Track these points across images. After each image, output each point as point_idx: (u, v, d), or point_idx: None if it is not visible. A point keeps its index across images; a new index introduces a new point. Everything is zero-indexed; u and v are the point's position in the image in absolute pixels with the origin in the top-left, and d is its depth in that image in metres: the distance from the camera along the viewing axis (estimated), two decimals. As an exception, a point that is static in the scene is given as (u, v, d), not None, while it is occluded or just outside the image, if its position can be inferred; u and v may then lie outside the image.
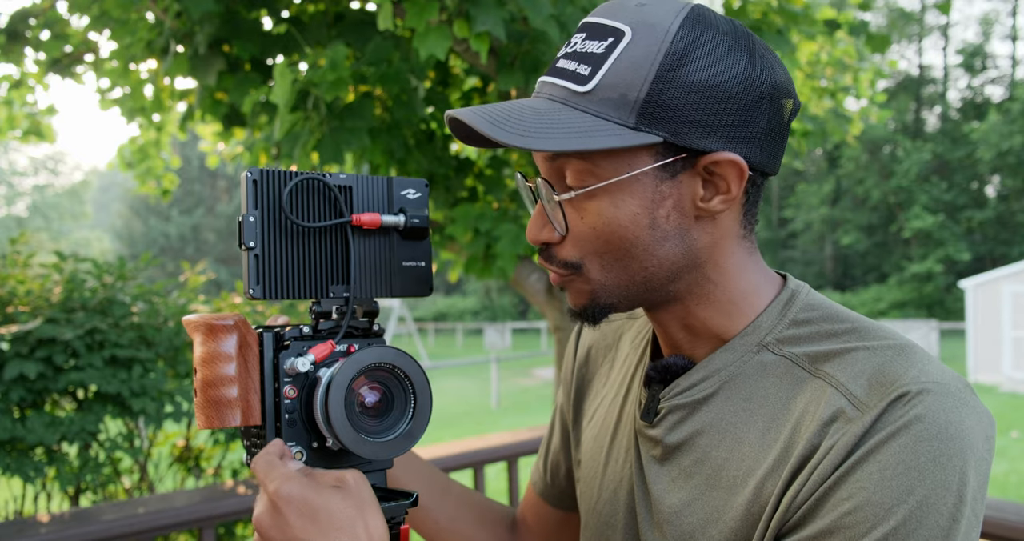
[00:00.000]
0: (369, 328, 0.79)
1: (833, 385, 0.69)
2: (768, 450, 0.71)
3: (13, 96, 4.13)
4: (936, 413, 0.64)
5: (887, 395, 0.65)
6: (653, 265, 0.73)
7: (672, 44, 0.68)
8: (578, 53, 0.71)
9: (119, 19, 2.94)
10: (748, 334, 0.76)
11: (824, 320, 0.75)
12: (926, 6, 36.64)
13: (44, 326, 2.56)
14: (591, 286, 0.75)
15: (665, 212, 0.71)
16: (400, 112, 2.69)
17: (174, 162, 4.59)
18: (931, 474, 0.62)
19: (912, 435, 0.63)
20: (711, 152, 0.69)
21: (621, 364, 0.94)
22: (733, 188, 0.71)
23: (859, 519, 0.62)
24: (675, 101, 0.68)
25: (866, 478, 0.63)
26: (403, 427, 0.74)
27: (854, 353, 0.70)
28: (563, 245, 0.75)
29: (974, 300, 15.67)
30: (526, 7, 2.14)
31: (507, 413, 12.02)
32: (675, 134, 0.68)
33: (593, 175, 0.70)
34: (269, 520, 0.65)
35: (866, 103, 5.88)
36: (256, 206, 0.73)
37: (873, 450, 0.64)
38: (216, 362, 0.71)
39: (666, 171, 0.70)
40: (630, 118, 0.68)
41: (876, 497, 0.62)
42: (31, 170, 47.18)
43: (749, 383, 0.74)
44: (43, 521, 1.79)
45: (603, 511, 0.86)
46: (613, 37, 0.69)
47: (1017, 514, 1.60)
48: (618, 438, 0.87)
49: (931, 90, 37.33)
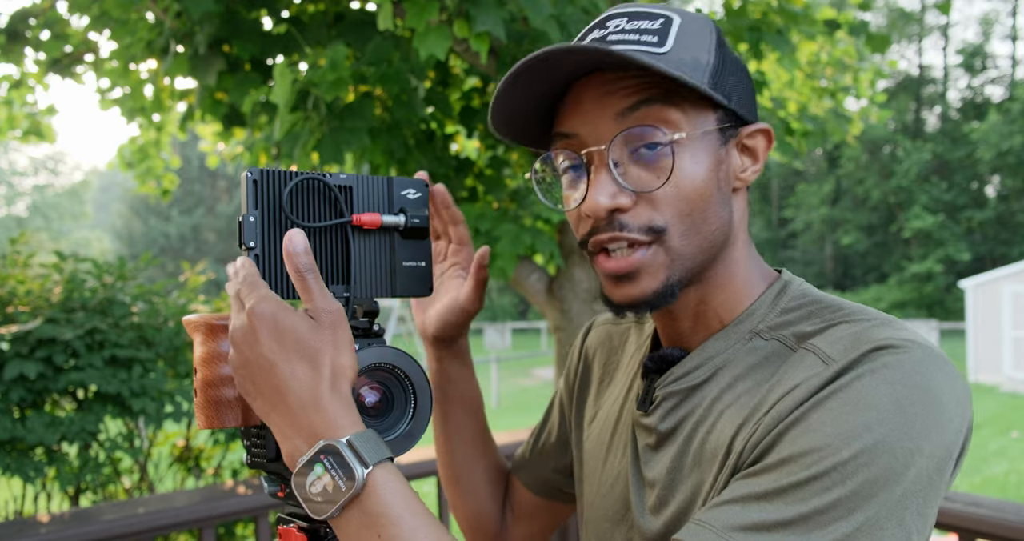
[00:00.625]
0: (369, 328, 0.79)
1: (813, 351, 0.69)
2: (740, 415, 0.71)
3: (13, 96, 4.13)
4: (905, 364, 0.64)
5: (860, 349, 0.66)
6: (718, 229, 0.74)
7: (714, 28, 0.76)
8: (630, 30, 0.73)
9: (119, 19, 2.94)
10: (741, 322, 0.77)
11: (811, 305, 0.76)
12: (926, 6, 36.65)
13: (44, 326, 2.56)
14: (670, 258, 0.73)
15: (723, 176, 0.75)
16: (400, 112, 2.69)
17: (174, 162, 4.59)
18: (891, 416, 0.61)
19: (878, 378, 0.63)
20: (751, 123, 0.77)
21: (626, 365, 0.95)
22: (761, 158, 0.77)
23: (811, 448, 0.62)
24: (728, 73, 0.74)
25: (825, 413, 0.63)
26: (403, 427, 0.74)
27: (837, 326, 0.71)
28: (638, 210, 0.72)
29: (974, 300, 15.67)
30: (526, 7, 2.14)
31: (507, 413, 12.01)
32: (732, 101, 0.74)
33: (682, 123, 0.71)
34: (242, 335, 0.67)
35: (866, 103, 5.88)
36: (256, 206, 0.73)
37: (836, 389, 0.64)
38: (216, 362, 0.71)
39: (723, 136, 0.75)
40: (704, 78, 0.72)
41: (832, 429, 0.62)
42: (31, 170, 47.19)
43: (738, 366, 0.75)
44: (43, 521, 1.79)
45: (601, 505, 0.87)
46: (663, 19, 0.74)
47: (1017, 514, 1.60)
48: (618, 434, 0.88)
49: (931, 90, 37.34)
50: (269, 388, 0.66)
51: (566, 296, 3.18)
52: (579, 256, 3.18)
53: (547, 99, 0.76)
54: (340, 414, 0.65)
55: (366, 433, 0.65)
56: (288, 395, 0.65)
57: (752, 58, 2.90)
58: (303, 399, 0.65)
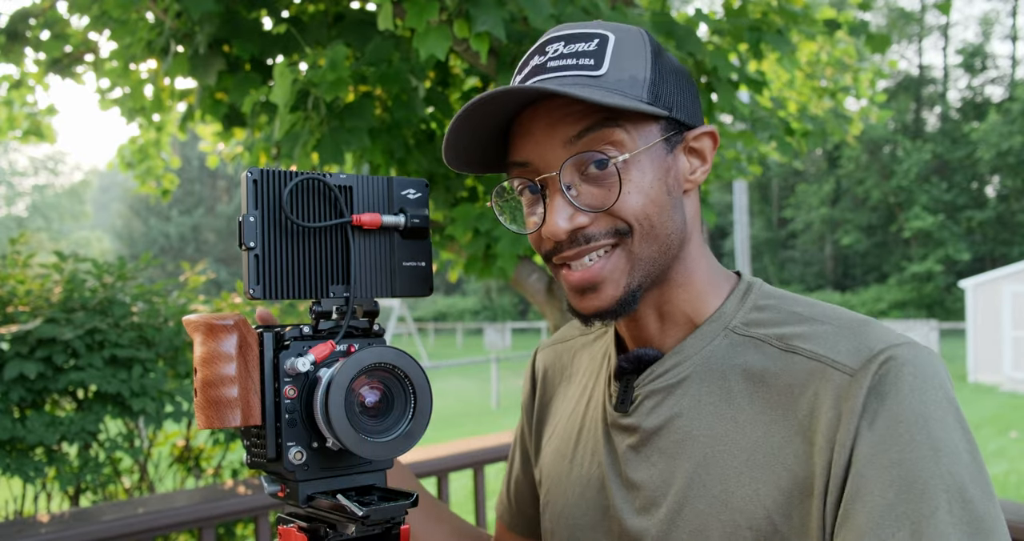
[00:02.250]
0: (369, 328, 0.79)
1: (814, 358, 0.73)
2: (753, 422, 0.74)
3: (13, 96, 4.13)
4: (923, 367, 0.70)
5: (874, 358, 0.71)
6: (673, 232, 0.79)
7: (648, 40, 0.79)
8: (567, 55, 0.77)
9: (119, 19, 2.94)
10: (714, 320, 0.81)
11: (782, 305, 0.80)
12: (926, 6, 36.64)
13: (44, 326, 2.56)
14: (630, 263, 0.77)
15: (672, 182, 0.79)
16: (400, 112, 2.69)
17: (174, 162, 4.59)
18: (947, 423, 0.68)
19: (915, 390, 0.69)
20: (694, 127, 0.80)
21: (580, 377, 0.95)
22: (709, 158, 0.81)
23: (911, 481, 0.66)
24: (667, 83, 0.78)
25: (897, 440, 0.67)
26: (403, 427, 0.73)
27: (822, 330, 0.75)
28: (599, 220, 0.76)
29: (974, 300, 15.67)
30: (526, 7, 2.14)
31: (507, 413, 12.02)
32: (671, 111, 0.78)
33: (621, 144, 0.76)
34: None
35: (866, 103, 5.88)
36: (256, 206, 0.73)
37: (887, 412, 0.68)
38: (216, 362, 0.71)
39: (668, 145, 0.79)
40: (643, 94, 0.76)
41: (913, 455, 0.67)
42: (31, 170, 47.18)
43: (722, 364, 0.78)
44: (43, 521, 1.79)
45: (571, 514, 0.87)
46: (598, 39, 0.77)
47: (1017, 514, 1.60)
48: (582, 442, 0.88)
49: (931, 90, 37.33)
50: None
51: (566, 296, 3.17)
52: (579, 256, 3.18)
53: (497, 131, 0.80)
54: None
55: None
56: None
57: (752, 58, 2.90)
58: None
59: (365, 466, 0.77)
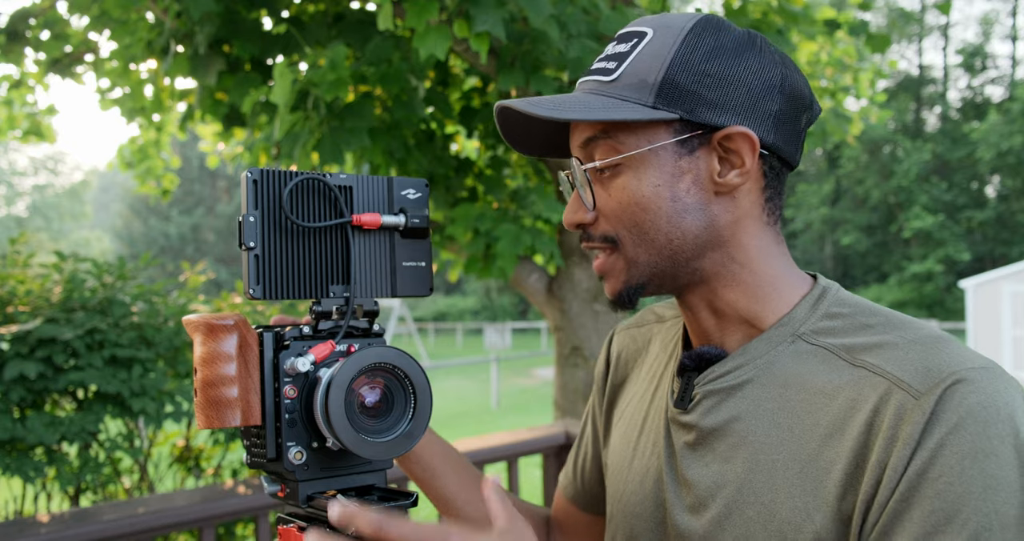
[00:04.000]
0: (369, 328, 0.79)
1: (881, 375, 0.71)
2: (811, 431, 0.73)
3: (13, 96, 4.13)
4: (992, 396, 0.67)
5: (942, 382, 0.68)
6: (677, 237, 0.78)
7: (685, 37, 0.77)
8: (608, 56, 0.81)
9: (119, 19, 2.94)
10: (783, 325, 0.79)
11: (857, 314, 0.78)
12: (926, 6, 36.65)
13: (44, 326, 2.56)
14: (626, 263, 0.80)
15: (685, 186, 0.77)
16: (400, 112, 2.69)
17: (174, 162, 4.59)
18: (1006, 460, 0.65)
19: (979, 421, 0.66)
20: (724, 127, 0.76)
21: (650, 364, 0.96)
22: (747, 161, 0.77)
23: (953, 513, 0.65)
24: (689, 83, 0.75)
25: (948, 470, 0.65)
26: (403, 427, 0.73)
27: (894, 344, 0.73)
28: (598, 223, 0.81)
29: (974, 300, 15.67)
30: (526, 7, 2.14)
31: (507, 413, 12.01)
32: (690, 112, 0.76)
33: (617, 151, 0.78)
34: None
35: (866, 103, 5.88)
36: (256, 206, 0.73)
37: (945, 440, 0.66)
38: (216, 362, 0.71)
39: (684, 147, 0.77)
40: (649, 98, 0.76)
41: (960, 488, 0.65)
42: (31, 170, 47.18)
43: (785, 371, 0.77)
44: (43, 521, 1.79)
45: (629, 502, 0.88)
46: (637, 38, 0.79)
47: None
48: (646, 432, 0.89)
49: (931, 90, 37.33)
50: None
51: (566, 296, 3.18)
52: (579, 256, 3.18)
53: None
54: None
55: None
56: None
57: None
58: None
59: (365, 466, 0.77)
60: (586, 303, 3.18)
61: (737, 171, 0.77)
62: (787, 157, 0.80)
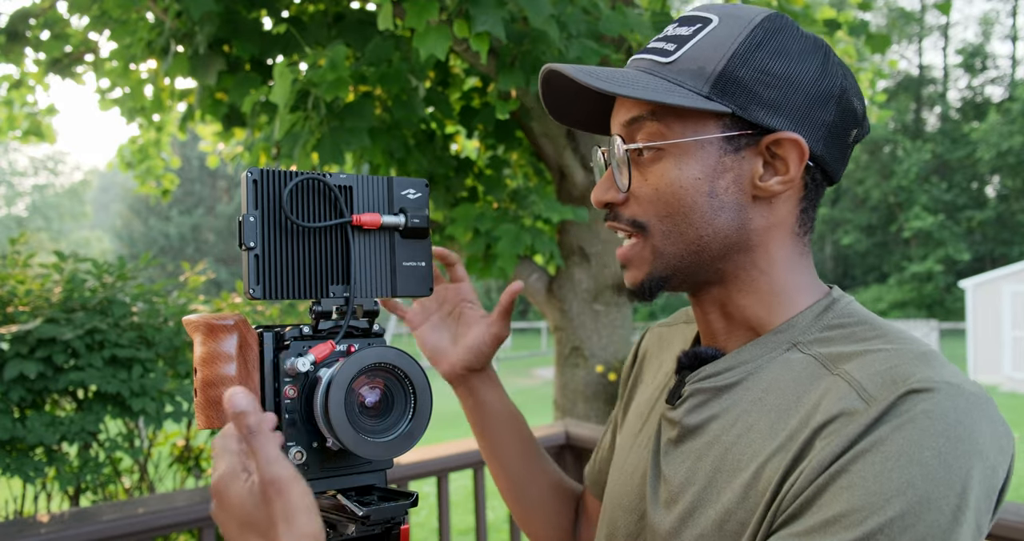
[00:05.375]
0: (369, 328, 0.79)
1: (847, 380, 0.69)
2: (774, 438, 0.72)
3: (13, 96, 4.13)
4: (946, 411, 0.63)
5: (896, 390, 0.65)
6: (708, 234, 0.76)
7: (752, 31, 0.74)
8: (668, 36, 0.78)
9: (119, 19, 2.94)
10: (782, 331, 0.78)
11: (857, 326, 0.76)
12: (926, 6, 36.65)
13: (44, 326, 2.56)
14: (652, 254, 0.78)
15: (725, 184, 0.75)
16: (400, 112, 2.69)
17: (174, 162, 4.59)
18: (934, 471, 0.61)
19: (918, 428, 0.62)
20: (775, 131, 0.74)
21: (666, 363, 0.96)
22: (792, 169, 0.75)
23: (854, 508, 0.61)
24: (748, 79, 0.73)
25: (867, 468, 0.62)
26: (403, 427, 0.74)
27: (874, 354, 0.70)
28: (628, 205, 0.79)
29: (974, 300, 15.67)
30: (526, 7, 2.14)
31: (507, 413, 11.99)
32: (744, 109, 0.73)
33: (662, 136, 0.76)
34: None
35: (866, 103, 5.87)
36: (256, 206, 0.73)
37: (877, 442, 0.63)
38: (216, 362, 0.71)
39: (731, 144, 0.75)
40: (704, 87, 0.73)
41: (875, 487, 0.61)
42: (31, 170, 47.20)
43: (771, 376, 0.76)
44: (43, 521, 1.79)
45: (618, 493, 0.89)
46: (701, 23, 0.77)
47: (1017, 514, 1.60)
48: (646, 427, 0.90)
49: (931, 90, 37.33)
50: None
51: (566, 296, 3.17)
52: (579, 256, 3.18)
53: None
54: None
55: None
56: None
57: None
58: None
59: (365, 466, 0.77)
60: (586, 303, 3.17)
61: (780, 178, 0.75)
62: (831, 171, 0.78)
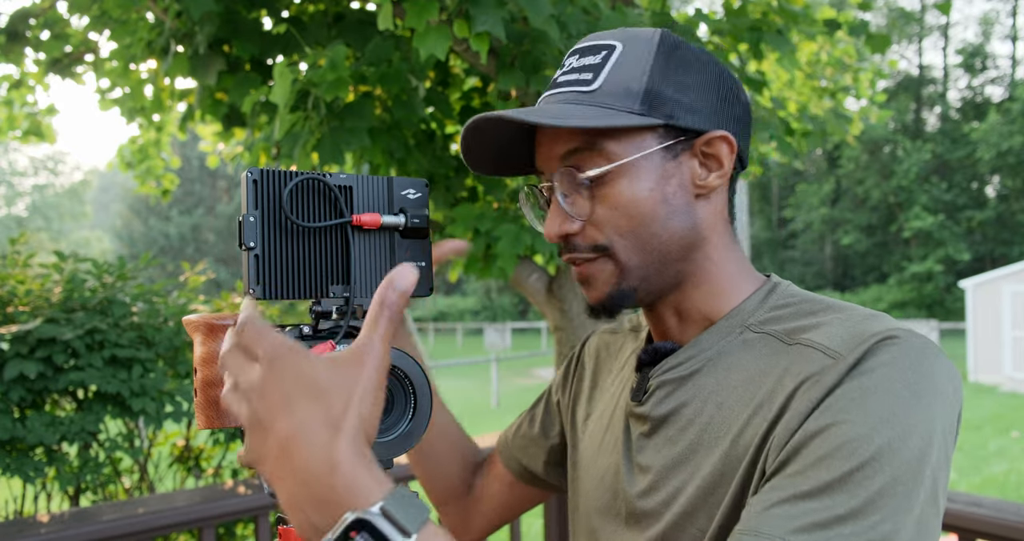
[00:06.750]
0: (369, 328, 0.79)
1: (811, 346, 0.74)
2: (747, 406, 0.75)
3: (13, 96, 4.13)
4: (910, 352, 0.69)
5: (864, 344, 0.70)
6: (666, 239, 0.80)
7: (659, 47, 0.80)
8: (575, 69, 0.82)
9: (119, 19, 2.94)
10: (732, 317, 0.83)
11: (802, 303, 0.81)
12: (926, 6, 36.66)
13: (44, 326, 2.56)
14: (619, 267, 0.81)
15: (672, 189, 0.80)
16: (400, 112, 2.69)
17: (174, 162, 4.59)
18: (909, 402, 0.66)
19: (893, 368, 0.68)
20: (705, 132, 0.80)
21: (620, 369, 0.99)
22: (726, 163, 0.81)
23: (845, 441, 0.65)
24: (670, 91, 0.79)
25: (851, 406, 0.66)
26: (403, 427, 0.74)
27: (828, 323, 0.76)
28: (586, 232, 0.82)
29: (974, 300, 15.67)
30: (526, 7, 2.14)
31: (507, 413, 12.01)
32: (674, 117, 0.79)
33: (607, 160, 0.79)
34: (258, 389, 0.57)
35: (866, 103, 5.87)
36: (256, 206, 0.73)
37: (856, 384, 0.67)
38: (216, 362, 0.71)
39: (669, 152, 0.80)
40: (635, 105, 0.78)
41: (861, 420, 0.65)
42: (31, 170, 47.21)
43: (731, 358, 0.80)
44: (43, 521, 1.79)
45: (591, 496, 0.92)
46: (606, 50, 0.81)
47: (1017, 514, 1.60)
48: (611, 429, 0.92)
49: (931, 90, 37.33)
50: (276, 446, 0.55)
51: (566, 296, 3.18)
52: (579, 256, 3.18)
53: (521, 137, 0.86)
54: (362, 474, 0.54)
55: (398, 492, 0.53)
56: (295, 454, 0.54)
57: (752, 58, 2.90)
58: (315, 458, 0.53)
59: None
60: (586, 303, 3.17)
61: (717, 173, 0.81)
62: (745, 158, 0.85)
